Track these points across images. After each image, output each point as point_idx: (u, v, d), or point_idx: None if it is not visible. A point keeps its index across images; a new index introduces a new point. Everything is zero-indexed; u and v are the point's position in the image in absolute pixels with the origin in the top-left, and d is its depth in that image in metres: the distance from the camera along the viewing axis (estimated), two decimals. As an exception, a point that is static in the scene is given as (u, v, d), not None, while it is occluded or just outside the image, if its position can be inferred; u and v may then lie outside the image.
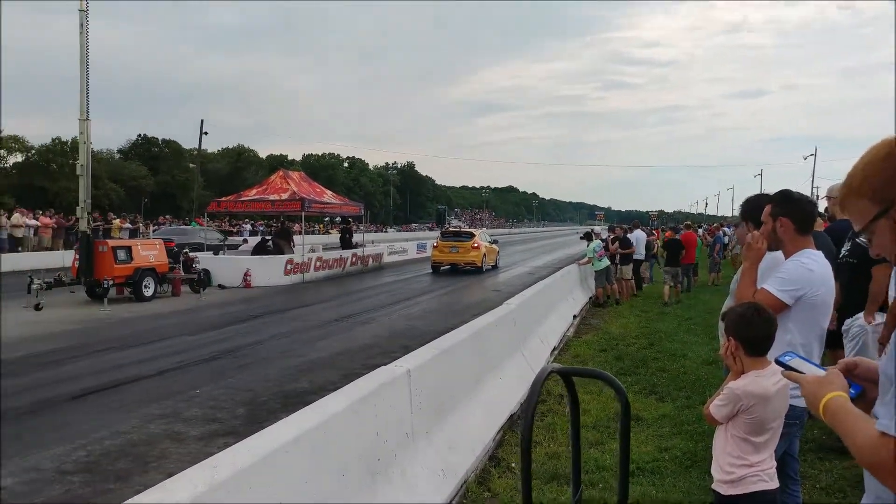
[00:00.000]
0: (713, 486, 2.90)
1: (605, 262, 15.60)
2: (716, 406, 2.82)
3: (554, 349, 9.48)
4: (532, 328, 8.97)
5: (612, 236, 17.34)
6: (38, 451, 5.66)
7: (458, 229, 30.10)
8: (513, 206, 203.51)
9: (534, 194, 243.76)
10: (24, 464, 5.38)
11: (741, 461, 2.78)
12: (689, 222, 22.27)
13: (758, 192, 4.74)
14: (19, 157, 72.51)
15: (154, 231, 28.11)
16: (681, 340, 10.61)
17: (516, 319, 8.13)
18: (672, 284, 16.10)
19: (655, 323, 12.63)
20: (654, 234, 24.96)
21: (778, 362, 2.65)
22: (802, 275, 3.20)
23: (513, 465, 5.39)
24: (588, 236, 16.92)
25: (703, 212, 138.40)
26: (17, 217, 27.47)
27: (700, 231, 26.82)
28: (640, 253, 17.89)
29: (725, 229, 24.87)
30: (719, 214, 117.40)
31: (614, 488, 4.76)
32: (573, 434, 2.43)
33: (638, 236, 18.12)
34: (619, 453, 2.14)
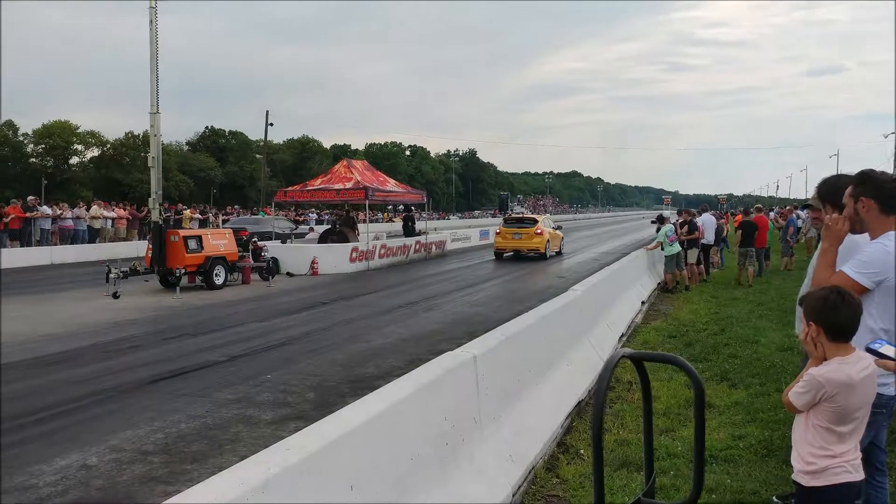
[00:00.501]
0: (794, 476, 2.80)
1: (676, 247, 15.20)
2: (796, 393, 2.71)
3: (621, 336, 9.33)
4: (599, 315, 8.84)
5: (679, 220, 16.93)
6: (120, 433, 5.89)
7: (520, 215, 29.90)
8: (577, 192, 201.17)
9: (598, 179, 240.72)
10: (107, 444, 5.60)
11: (824, 451, 2.67)
12: (759, 205, 21.56)
13: (834, 172, 4.52)
14: (96, 152, 75.38)
15: (224, 221, 28.84)
16: (753, 326, 10.30)
17: (583, 306, 8.02)
18: (748, 266, 15.97)
19: (726, 308, 12.30)
20: (723, 219, 24.29)
21: (869, 350, 2.52)
22: (884, 258, 3.05)
23: (581, 451, 5.33)
24: (660, 220, 16.54)
25: (774, 195, 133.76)
26: (95, 209, 28.61)
27: (772, 214, 25.97)
28: (708, 238, 17.43)
29: (799, 212, 24.00)
30: (791, 197, 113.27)
31: (686, 476, 4.66)
32: (646, 420, 2.37)
33: (706, 220, 17.65)
34: (694, 440, 2.07)
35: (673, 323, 10.97)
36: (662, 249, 15.34)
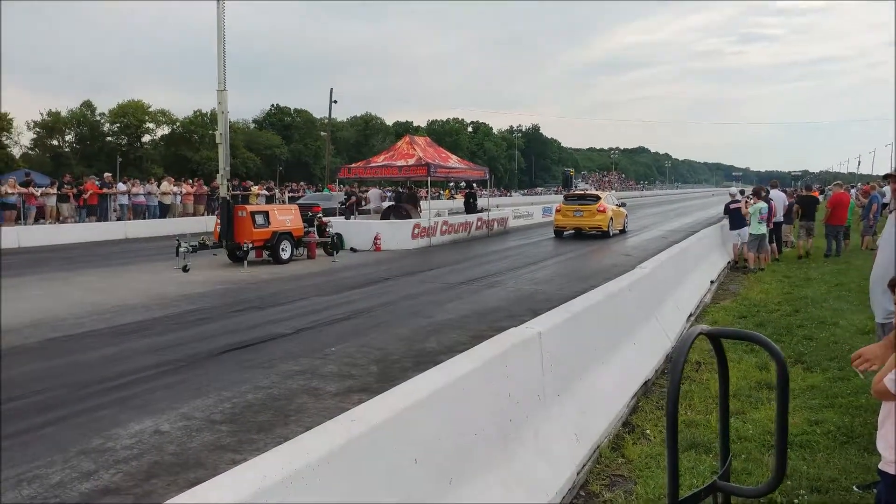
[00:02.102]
0: (882, 465, 2.64)
1: (763, 227, 14.61)
2: (892, 380, 2.54)
3: (690, 316, 9.10)
4: (667, 293, 8.63)
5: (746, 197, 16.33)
6: (190, 401, 6.05)
7: (582, 192, 29.38)
8: (643, 168, 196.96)
9: (666, 155, 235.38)
10: (178, 411, 5.76)
11: None
12: (839, 182, 20.61)
13: None
14: (166, 130, 77.54)
15: (291, 198, 29.30)
16: (830, 308, 9.89)
17: (650, 284, 7.83)
18: (804, 239, 16.17)
19: (801, 289, 11.85)
20: (794, 196, 23.34)
21: None
22: None
23: (647, 431, 5.22)
24: (755, 193, 15.84)
25: (856, 171, 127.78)
26: (165, 185, 29.46)
27: (853, 191, 24.86)
28: (779, 215, 16.78)
29: (885, 189, 22.88)
30: (874, 173, 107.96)
31: (758, 460, 4.51)
32: (721, 401, 2.27)
33: (777, 197, 16.97)
34: (777, 423, 1.96)
35: (743, 303, 10.63)
36: (741, 227, 14.80)
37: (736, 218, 15.28)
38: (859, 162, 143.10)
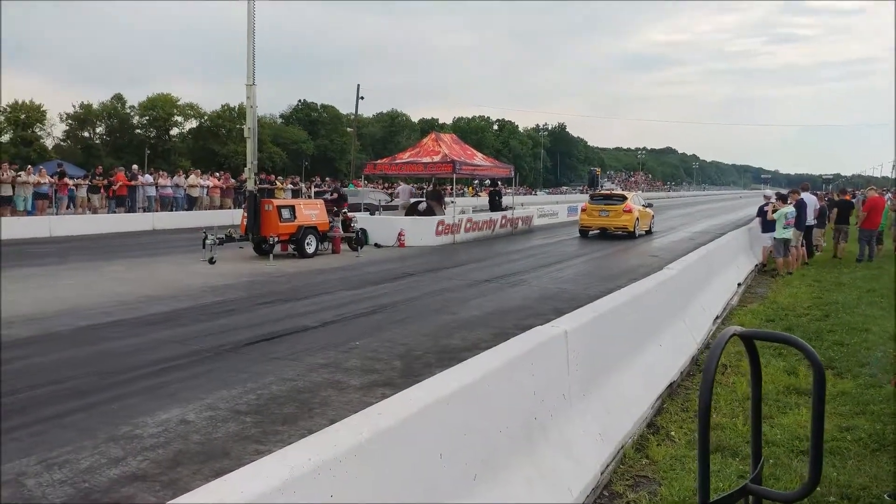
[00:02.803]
0: None
1: (790, 232, 14.40)
2: None
3: (716, 318, 9.00)
4: (693, 295, 8.54)
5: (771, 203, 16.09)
6: (215, 392, 6.10)
7: (608, 192, 29.16)
8: (670, 169, 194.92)
9: (694, 156, 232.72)
10: (204, 402, 5.82)
11: None
12: (873, 186, 20.26)
13: None
14: (194, 123, 78.32)
15: (317, 193, 29.46)
16: (862, 313, 9.72)
17: (677, 286, 7.76)
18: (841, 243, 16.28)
19: (831, 293, 11.67)
20: (826, 199, 22.97)
21: None
22: None
23: (672, 433, 5.18)
24: (781, 198, 15.61)
25: (889, 175, 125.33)
26: (192, 178, 29.78)
27: (888, 196, 24.43)
28: (809, 219, 16.53)
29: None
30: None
31: (787, 465, 4.46)
32: (754, 404, 2.22)
33: (808, 201, 16.72)
34: (812, 428, 1.92)
35: (771, 306, 10.50)
36: (773, 230, 14.58)
37: (768, 221, 15.08)
38: (894, 165, 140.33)
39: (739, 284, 12.03)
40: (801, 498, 2.07)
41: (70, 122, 71.56)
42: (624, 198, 24.58)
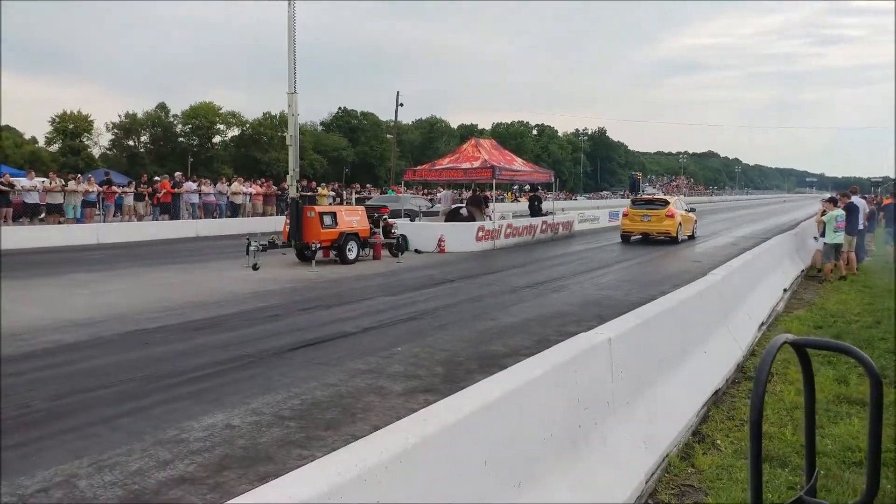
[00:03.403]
0: None
1: (840, 236, 14.07)
2: None
3: (761, 325, 8.83)
4: (738, 301, 8.39)
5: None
6: (259, 396, 6.19)
7: (650, 196, 28.85)
8: (712, 173, 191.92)
9: (736, 160, 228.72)
10: (248, 406, 5.91)
11: None
12: None
13: None
14: (236, 131, 79.67)
15: (358, 200, 29.72)
16: (915, 321, 9.46)
17: (722, 292, 7.64)
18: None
19: (882, 300, 11.35)
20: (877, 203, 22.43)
21: None
22: None
23: (717, 441, 5.10)
24: (832, 201, 15.19)
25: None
26: (236, 185, 30.28)
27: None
28: (860, 223, 16.11)
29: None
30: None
31: (839, 477, 4.36)
32: (807, 413, 2.19)
33: (857, 204, 16.31)
34: (869, 438, 1.88)
35: (819, 313, 10.27)
36: (824, 235, 14.23)
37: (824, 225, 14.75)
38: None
39: (785, 290, 11.78)
40: (857, 510, 2.03)
41: (116, 131, 73.50)
42: (666, 202, 24.33)
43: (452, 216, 23.23)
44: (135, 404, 5.98)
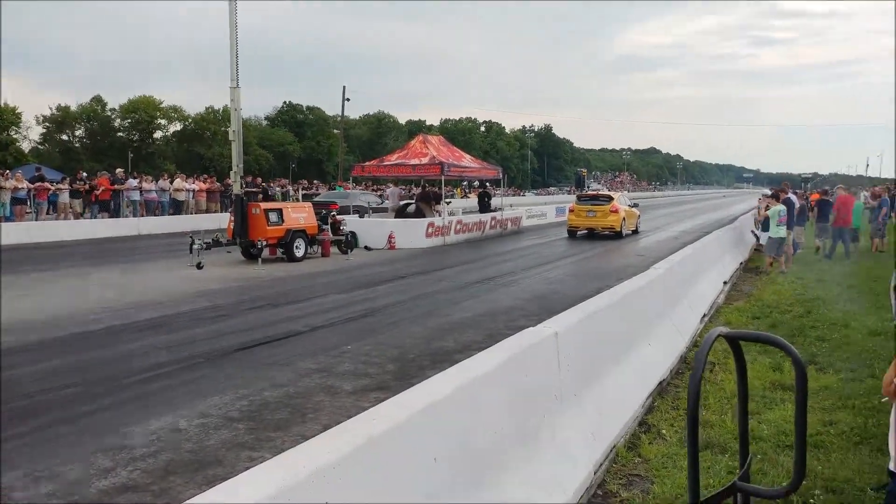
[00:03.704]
0: (894, 468, 2.65)
1: (783, 230, 14.50)
2: None
3: (703, 316, 9.09)
4: (681, 294, 8.62)
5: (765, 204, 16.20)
6: (207, 398, 6.10)
7: (595, 192, 29.34)
8: (655, 169, 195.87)
9: (678, 156, 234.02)
10: (196, 409, 5.82)
11: None
12: (842, 185, 20.55)
13: None
14: (178, 126, 77.87)
15: (305, 196, 29.38)
16: (842, 309, 9.86)
17: (665, 285, 7.84)
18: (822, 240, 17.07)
19: (812, 290, 11.80)
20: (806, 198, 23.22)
21: None
22: None
23: (663, 431, 5.24)
24: (775, 196, 15.56)
25: (864, 174, 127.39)
26: (178, 182, 29.61)
27: (863, 195, 24.74)
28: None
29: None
30: (882, 176, 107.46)
31: (774, 460, 4.53)
32: (741, 402, 2.28)
33: (792, 199, 16.88)
34: (796, 425, 1.97)
35: (756, 304, 10.62)
36: (767, 230, 14.61)
37: (766, 221, 15.20)
38: (867, 165, 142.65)
39: (725, 283, 12.13)
40: (788, 494, 2.12)
41: (47, 124, 70.85)
42: (610, 198, 24.75)
43: (402, 213, 23.21)
44: (75, 410, 5.83)
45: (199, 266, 14.82)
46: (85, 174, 29.57)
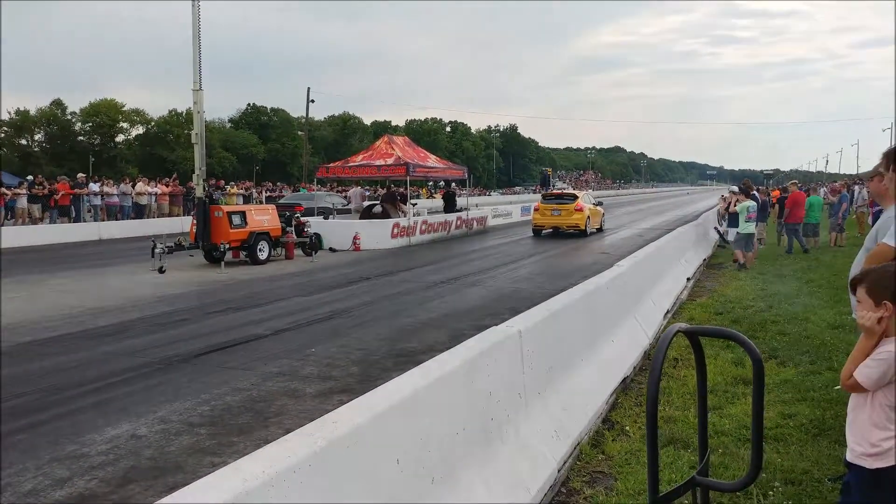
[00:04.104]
0: (852, 459, 2.69)
1: (752, 226, 14.67)
2: (864, 372, 2.59)
3: (667, 312, 9.19)
4: (644, 291, 8.71)
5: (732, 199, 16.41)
6: (168, 404, 6.00)
7: (560, 191, 29.56)
8: (619, 167, 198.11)
9: (642, 154, 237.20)
10: (156, 415, 5.71)
11: (889, 432, 2.56)
12: (795, 181, 21.01)
13: (888, 146, 4.33)
14: (141, 129, 76.68)
15: (268, 198, 29.12)
16: (802, 303, 10.05)
17: (628, 282, 7.90)
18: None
19: (773, 285, 12.01)
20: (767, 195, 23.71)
21: None
22: None
23: (627, 428, 5.27)
24: (743, 191, 15.58)
25: (824, 170, 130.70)
26: (140, 186, 29.13)
27: (822, 191, 25.32)
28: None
29: (856, 187, 23.31)
30: (841, 172, 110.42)
31: (735, 454, 4.58)
32: (700, 397, 2.30)
33: (756, 196, 17.20)
34: (753, 419, 1.99)
35: (719, 300, 10.76)
36: (736, 226, 14.77)
37: (732, 215, 15.39)
38: (827, 161, 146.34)
39: (689, 279, 12.29)
40: (745, 487, 2.15)
41: (5, 129, 69.24)
42: (575, 197, 24.95)
43: (367, 213, 23.12)
44: (30, 419, 5.67)
45: (161, 270, 14.58)
46: (44, 178, 28.90)
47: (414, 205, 25.00)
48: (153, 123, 76.33)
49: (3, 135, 69.04)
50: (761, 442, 1.99)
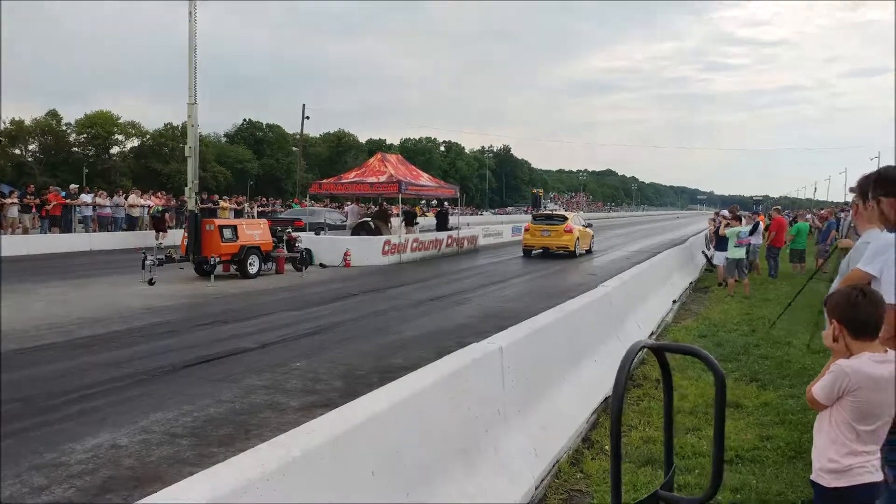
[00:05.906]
0: (813, 477, 2.75)
1: (742, 251, 14.74)
2: (819, 386, 2.69)
3: (651, 334, 9.26)
4: (629, 312, 8.78)
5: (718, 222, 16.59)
6: (150, 415, 6.00)
7: (550, 212, 29.70)
8: (611, 190, 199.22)
9: (633, 178, 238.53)
10: (138, 425, 5.71)
11: (847, 449, 2.62)
12: (777, 206, 21.29)
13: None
14: (136, 142, 76.73)
15: (261, 213, 29.14)
16: (785, 328, 10.13)
17: (612, 302, 7.97)
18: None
19: (758, 309, 12.11)
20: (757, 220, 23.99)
21: None
22: (889, 242, 3.04)
23: (606, 447, 5.30)
24: (738, 218, 15.67)
25: (812, 197, 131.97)
26: (133, 198, 29.11)
27: (809, 216, 25.57)
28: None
29: (842, 214, 23.53)
30: (829, 199, 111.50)
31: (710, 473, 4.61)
32: (666, 413, 2.36)
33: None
34: (714, 435, 2.05)
35: (704, 322, 10.83)
36: (725, 250, 14.82)
37: (720, 239, 15.51)
38: (815, 188, 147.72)
39: (675, 301, 12.37)
40: (705, 502, 2.20)
41: (0, 139, 69.18)
42: (565, 218, 25.09)
43: (359, 230, 23.17)
44: (10, 427, 5.66)
45: (150, 282, 14.57)
46: (36, 188, 28.86)
47: (417, 224, 25.23)
48: (148, 136, 76.41)
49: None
50: (722, 457, 2.04)
